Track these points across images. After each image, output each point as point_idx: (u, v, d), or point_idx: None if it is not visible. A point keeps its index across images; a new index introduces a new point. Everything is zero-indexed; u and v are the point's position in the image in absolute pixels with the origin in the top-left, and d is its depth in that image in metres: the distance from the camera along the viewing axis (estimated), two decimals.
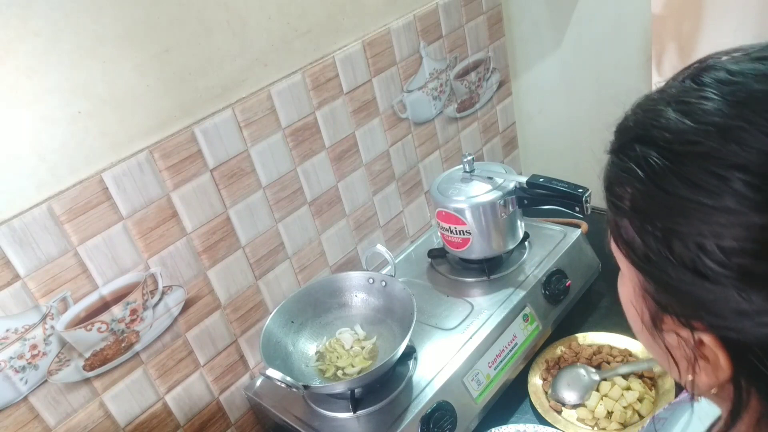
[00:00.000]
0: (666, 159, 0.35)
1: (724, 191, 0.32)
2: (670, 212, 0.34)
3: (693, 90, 0.36)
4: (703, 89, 0.35)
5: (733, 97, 0.34)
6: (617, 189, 0.39)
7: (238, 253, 1.03)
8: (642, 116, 0.38)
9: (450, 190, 1.14)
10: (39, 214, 0.79)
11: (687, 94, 0.36)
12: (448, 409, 0.94)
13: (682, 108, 0.35)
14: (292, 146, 1.07)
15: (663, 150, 0.35)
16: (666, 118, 0.36)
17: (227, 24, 0.93)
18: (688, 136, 0.34)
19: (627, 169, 0.38)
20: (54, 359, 0.83)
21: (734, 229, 0.32)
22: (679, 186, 0.34)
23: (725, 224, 0.32)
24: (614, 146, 0.41)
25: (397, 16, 1.19)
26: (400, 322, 1.03)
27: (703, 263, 0.33)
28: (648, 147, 0.36)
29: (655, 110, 0.37)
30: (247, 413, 1.11)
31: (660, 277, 0.37)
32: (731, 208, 0.32)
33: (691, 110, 0.35)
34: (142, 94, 0.86)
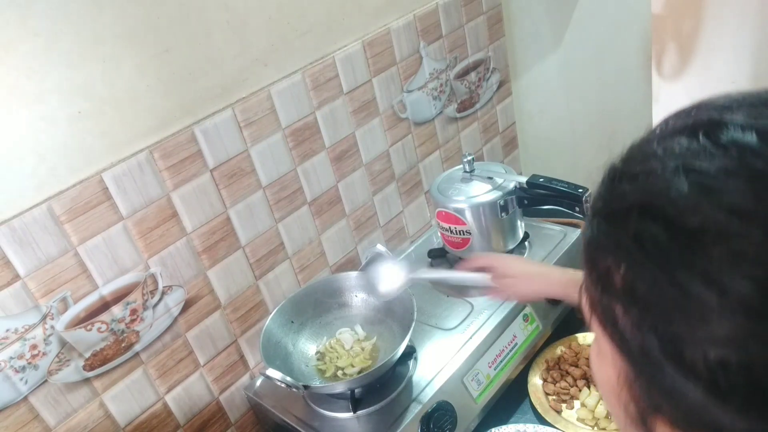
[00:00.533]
0: (682, 246, 0.28)
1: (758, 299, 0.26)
2: (685, 312, 0.28)
3: (709, 154, 0.29)
4: (722, 156, 0.29)
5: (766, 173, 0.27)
6: (604, 262, 0.33)
7: (238, 253, 1.03)
8: (644, 180, 0.31)
9: (450, 190, 1.14)
10: (39, 214, 0.79)
11: (702, 158, 0.29)
12: (448, 409, 0.94)
13: (698, 180, 0.29)
14: (292, 146, 1.07)
15: (677, 231, 0.29)
16: (680, 191, 0.29)
17: (227, 24, 0.93)
18: (715, 224, 0.27)
19: (622, 242, 0.31)
20: (54, 359, 0.83)
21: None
22: (698, 284, 0.28)
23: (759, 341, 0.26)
24: (602, 208, 0.34)
25: (397, 16, 1.19)
26: (400, 322, 1.03)
27: (723, 380, 0.28)
28: (655, 224, 0.30)
29: (661, 176, 0.30)
30: (247, 413, 1.11)
31: (660, 381, 0.31)
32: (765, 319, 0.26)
33: (713, 187, 0.28)
34: (142, 94, 0.86)
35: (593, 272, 0.34)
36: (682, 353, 0.29)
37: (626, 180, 0.33)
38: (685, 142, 0.31)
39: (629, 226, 0.31)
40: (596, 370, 0.40)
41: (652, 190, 0.30)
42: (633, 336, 0.32)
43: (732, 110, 0.31)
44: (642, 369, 0.32)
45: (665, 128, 0.34)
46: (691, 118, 0.32)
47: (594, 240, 0.34)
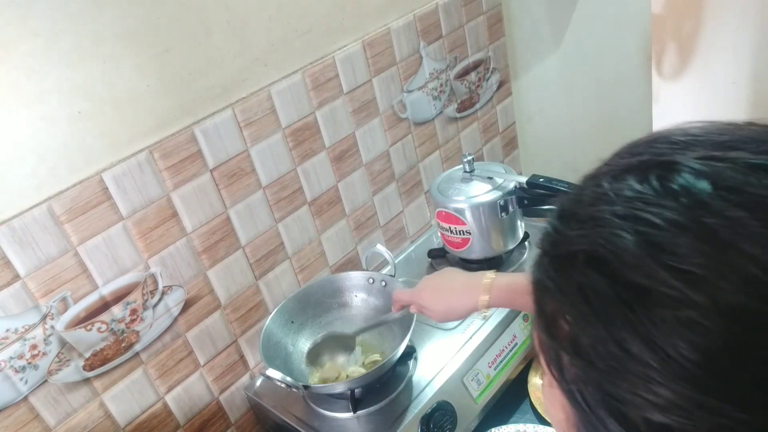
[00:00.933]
0: (625, 304, 0.27)
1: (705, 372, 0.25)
2: (627, 376, 0.27)
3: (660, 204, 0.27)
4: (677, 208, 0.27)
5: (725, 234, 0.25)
6: (550, 306, 0.32)
7: (238, 253, 1.03)
8: (591, 226, 0.29)
9: (450, 190, 1.14)
10: (39, 214, 0.79)
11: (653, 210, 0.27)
12: (448, 409, 0.94)
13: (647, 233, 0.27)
14: (292, 146, 1.07)
15: (621, 289, 0.27)
16: (625, 245, 0.27)
17: (227, 24, 0.93)
18: (660, 285, 0.26)
19: (567, 291, 0.30)
20: (54, 359, 0.83)
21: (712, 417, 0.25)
22: (642, 348, 0.26)
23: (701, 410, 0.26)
24: (549, 250, 0.32)
25: (397, 16, 1.19)
26: (400, 322, 1.03)
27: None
28: (599, 275, 0.28)
29: (607, 222, 0.28)
30: (247, 413, 1.11)
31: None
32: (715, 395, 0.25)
33: (662, 243, 0.26)
34: (142, 94, 0.86)
35: (541, 316, 0.33)
36: (626, 414, 0.28)
37: (574, 222, 0.31)
38: (636, 186, 0.29)
39: (574, 274, 0.30)
40: (548, 406, 0.39)
41: (597, 239, 0.29)
42: (578, 388, 0.31)
43: (688, 149, 0.29)
44: (586, 420, 0.31)
45: (618, 162, 0.32)
46: (646, 154, 0.30)
47: (541, 282, 0.33)
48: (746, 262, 0.24)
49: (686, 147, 0.29)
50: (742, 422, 0.25)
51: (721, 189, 0.26)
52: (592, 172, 0.33)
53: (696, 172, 0.27)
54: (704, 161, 0.27)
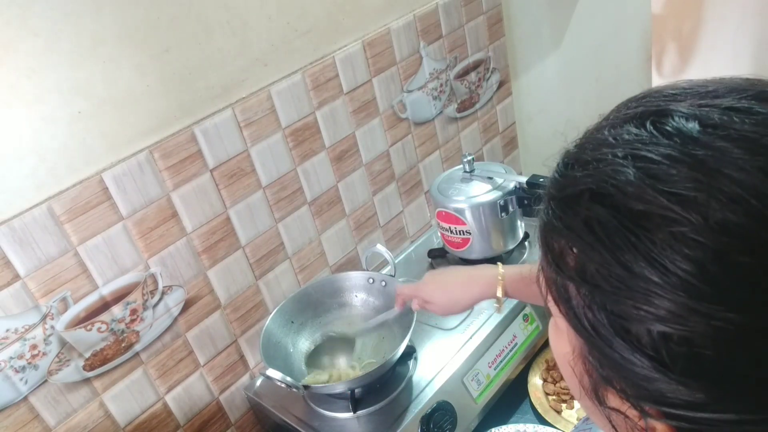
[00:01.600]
0: (628, 230, 0.30)
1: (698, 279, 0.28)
2: (632, 293, 0.30)
3: (654, 142, 0.31)
4: (671, 144, 0.30)
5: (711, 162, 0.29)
6: (558, 244, 0.35)
7: (238, 253, 1.03)
8: (595, 166, 0.33)
9: (450, 190, 1.14)
10: (39, 214, 0.79)
11: (651, 147, 0.31)
12: (448, 409, 0.94)
13: (646, 167, 0.30)
14: (292, 146, 1.07)
15: (623, 218, 0.30)
16: (628, 178, 0.30)
17: (227, 24, 0.93)
18: (658, 208, 0.29)
19: (574, 226, 0.33)
20: (54, 359, 0.83)
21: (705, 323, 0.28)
22: (644, 266, 0.29)
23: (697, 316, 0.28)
24: (556, 193, 0.35)
25: (397, 16, 1.19)
26: (400, 322, 1.03)
27: (665, 352, 0.30)
28: (603, 208, 0.31)
29: (611, 162, 0.32)
30: (247, 413, 1.11)
31: (610, 355, 0.33)
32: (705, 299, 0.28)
33: (659, 173, 0.30)
34: (142, 94, 0.86)
35: (548, 254, 0.36)
36: (629, 329, 0.31)
37: (578, 166, 0.34)
38: (634, 130, 0.33)
39: (580, 210, 0.32)
40: (554, 344, 0.42)
41: (601, 177, 0.32)
42: (585, 314, 0.33)
43: (678, 99, 0.33)
44: (593, 344, 0.34)
45: (617, 116, 0.35)
46: (641, 106, 0.34)
47: (548, 223, 0.35)
48: (731, 184, 0.28)
49: (675, 98, 0.33)
50: (731, 321, 0.28)
51: (708, 127, 0.30)
52: (592, 126, 0.37)
53: (686, 115, 0.31)
54: (692, 107, 0.32)
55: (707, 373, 0.29)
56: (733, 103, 0.31)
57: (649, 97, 0.35)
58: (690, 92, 0.33)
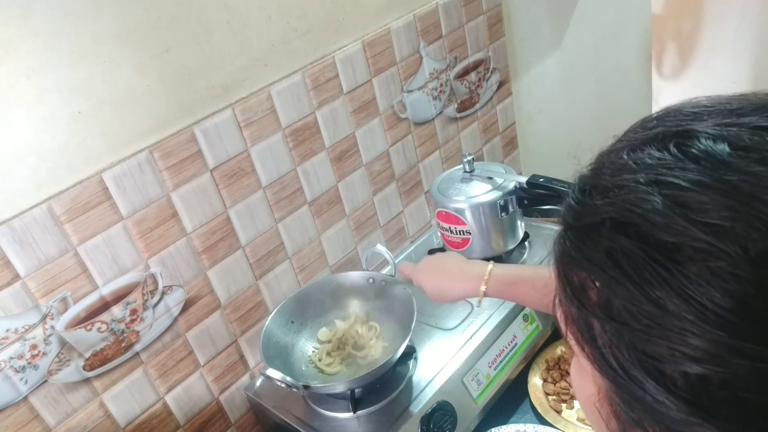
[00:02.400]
0: (657, 264, 0.28)
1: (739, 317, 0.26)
2: (664, 332, 0.28)
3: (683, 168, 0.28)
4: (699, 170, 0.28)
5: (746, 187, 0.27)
6: (578, 277, 0.32)
7: (238, 253, 1.03)
8: (616, 194, 0.30)
9: (450, 190, 1.14)
10: (39, 214, 0.79)
11: (677, 173, 0.28)
12: (448, 409, 0.94)
13: (673, 194, 0.28)
14: (292, 146, 1.07)
15: (652, 250, 0.28)
16: (654, 207, 0.28)
17: (227, 24, 0.93)
18: (690, 240, 0.27)
19: (595, 259, 0.31)
20: (54, 359, 0.83)
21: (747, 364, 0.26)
22: (678, 303, 0.27)
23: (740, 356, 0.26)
24: (573, 222, 0.33)
25: (397, 16, 1.19)
26: (400, 322, 1.03)
27: (707, 397, 0.28)
28: (629, 240, 0.29)
29: (632, 189, 0.30)
30: (247, 413, 1.11)
31: (642, 398, 0.30)
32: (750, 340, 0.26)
33: (688, 201, 0.28)
34: (142, 94, 0.86)
35: (567, 287, 0.34)
36: (663, 370, 0.29)
37: (597, 193, 0.32)
38: (656, 153, 0.30)
39: (602, 241, 0.30)
40: (577, 385, 0.39)
41: (624, 205, 0.30)
42: (612, 353, 0.31)
43: (701, 119, 0.30)
44: (622, 386, 0.32)
45: (634, 137, 0.33)
46: (660, 126, 0.32)
47: (566, 254, 0.33)
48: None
49: (698, 117, 0.31)
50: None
51: (739, 149, 0.28)
52: (607, 149, 0.34)
53: (713, 136, 0.28)
54: (718, 127, 0.29)
55: (753, 419, 0.27)
56: (762, 122, 0.29)
57: (669, 116, 0.32)
58: (713, 110, 0.31)
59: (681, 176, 0.28)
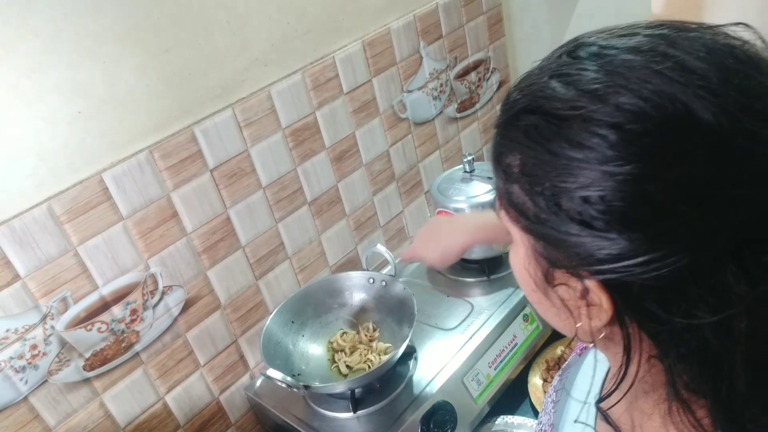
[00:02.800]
0: (553, 124, 0.38)
1: (603, 147, 0.36)
2: (558, 171, 0.37)
3: (571, 63, 0.40)
4: (581, 62, 0.39)
5: (608, 66, 0.38)
6: (506, 159, 0.42)
7: (238, 253, 1.03)
8: (527, 90, 0.41)
9: (450, 190, 1.14)
10: (39, 214, 0.79)
11: (566, 66, 0.40)
12: (448, 409, 0.94)
13: (564, 79, 0.39)
14: (292, 146, 1.07)
15: (550, 117, 0.38)
16: (551, 88, 0.39)
17: (227, 24, 0.93)
18: (572, 102, 0.37)
19: (516, 137, 0.41)
20: (54, 359, 0.83)
21: (612, 179, 0.35)
22: (565, 147, 0.37)
23: (606, 176, 0.35)
24: (501, 120, 0.43)
25: (397, 16, 1.19)
26: (400, 322, 1.03)
27: (588, 213, 0.36)
28: (535, 116, 0.39)
29: (539, 83, 0.40)
30: (248, 413, 1.11)
31: (550, 234, 0.39)
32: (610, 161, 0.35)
33: (572, 80, 0.38)
34: (142, 94, 0.86)
35: (498, 170, 0.43)
36: (560, 204, 0.38)
37: (515, 92, 0.42)
38: (555, 60, 0.41)
39: (519, 124, 0.40)
40: (512, 259, 0.48)
41: (532, 94, 0.40)
42: (527, 206, 0.40)
43: (585, 37, 0.42)
44: (537, 231, 0.40)
45: (547, 57, 0.44)
46: (560, 49, 0.42)
47: (497, 144, 0.43)
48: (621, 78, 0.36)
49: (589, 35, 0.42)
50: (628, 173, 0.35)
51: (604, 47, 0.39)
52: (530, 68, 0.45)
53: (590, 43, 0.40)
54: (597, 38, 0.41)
55: (619, 222, 0.36)
56: (624, 31, 0.41)
57: (567, 42, 0.43)
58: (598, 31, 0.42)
59: (569, 68, 0.39)
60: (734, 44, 0.39)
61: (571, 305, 0.42)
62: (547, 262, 0.42)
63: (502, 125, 0.43)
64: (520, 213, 0.41)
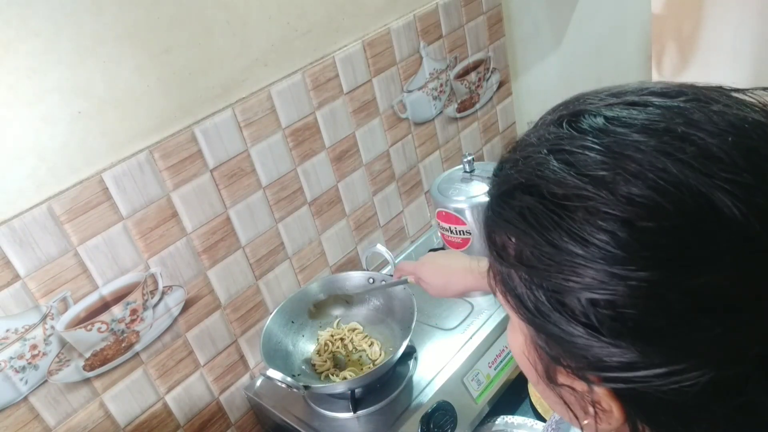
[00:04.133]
0: (552, 212, 0.34)
1: (611, 247, 0.31)
2: (560, 267, 0.33)
3: (572, 138, 0.35)
4: (583, 137, 0.35)
5: (615, 147, 0.33)
6: (499, 238, 0.38)
7: (238, 253, 1.03)
8: (523, 164, 0.37)
9: (450, 190, 1.14)
10: (39, 214, 0.79)
11: (567, 141, 0.35)
12: (448, 409, 0.94)
13: (564, 158, 0.35)
14: (292, 146, 1.07)
15: (548, 202, 0.34)
16: (550, 168, 0.35)
17: (227, 24, 0.93)
18: (575, 189, 0.33)
19: (510, 218, 0.36)
20: (54, 359, 0.83)
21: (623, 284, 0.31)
22: (567, 241, 0.33)
23: (615, 279, 0.31)
24: (494, 192, 0.39)
25: (397, 16, 1.19)
26: (400, 322, 1.03)
27: (595, 317, 0.33)
28: (532, 197, 0.35)
29: (536, 158, 0.36)
30: (248, 413, 1.11)
31: (552, 331, 0.35)
32: (619, 263, 0.31)
33: (574, 161, 0.34)
34: (142, 94, 0.86)
35: (492, 248, 0.39)
36: (564, 302, 0.34)
37: (509, 165, 0.38)
38: (554, 130, 0.37)
39: (514, 203, 0.36)
40: (510, 341, 0.44)
41: (528, 171, 0.36)
42: (527, 296, 0.36)
43: (590, 102, 0.38)
44: (538, 325, 0.37)
45: (541, 122, 0.40)
46: (560, 111, 0.38)
47: (489, 220, 0.39)
48: (632, 163, 0.32)
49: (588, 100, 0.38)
50: (643, 279, 0.31)
51: (612, 120, 0.35)
52: (523, 134, 0.41)
53: (594, 113, 0.36)
54: (599, 106, 0.36)
55: (632, 331, 0.32)
56: (634, 98, 0.36)
57: (568, 104, 0.39)
58: (603, 94, 0.38)
59: (570, 144, 0.35)
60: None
61: (576, 408, 0.39)
62: (550, 359, 0.38)
63: (494, 200, 0.39)
64: (520, 302, 0.37)
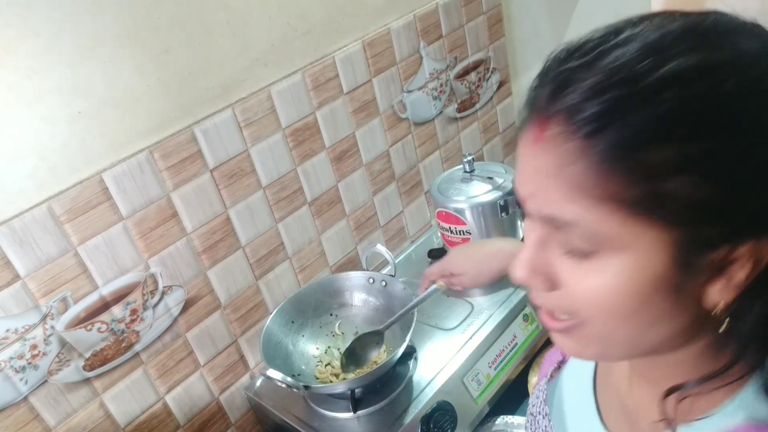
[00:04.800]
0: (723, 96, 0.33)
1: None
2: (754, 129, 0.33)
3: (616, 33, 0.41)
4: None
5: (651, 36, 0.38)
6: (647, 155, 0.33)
7: (238, 253, 1.03)
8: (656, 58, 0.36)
9: (450, 190, 1.14)
10: (39, 214, 0.79)
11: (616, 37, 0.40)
12: (448, 409, 0.94)
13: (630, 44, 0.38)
14: (292, 146, 1.07)
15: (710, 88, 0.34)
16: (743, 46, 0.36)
17: (227, 24, 0.93)
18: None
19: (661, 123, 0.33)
20: (54, 359, 0.83)
21: None
22: None
23: None
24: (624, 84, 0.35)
25: (397, 16, 1.19)
26: (401, 322, 1.03)
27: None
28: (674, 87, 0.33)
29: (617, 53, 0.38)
30: (247, 413, 1.11)
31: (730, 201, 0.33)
32: None
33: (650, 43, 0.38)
34: (142, 94, 0.86)
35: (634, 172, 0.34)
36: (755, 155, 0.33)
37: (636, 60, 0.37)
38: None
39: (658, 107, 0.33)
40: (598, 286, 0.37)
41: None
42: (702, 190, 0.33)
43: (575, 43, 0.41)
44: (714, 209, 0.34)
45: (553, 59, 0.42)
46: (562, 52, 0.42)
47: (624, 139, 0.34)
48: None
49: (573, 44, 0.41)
50: None
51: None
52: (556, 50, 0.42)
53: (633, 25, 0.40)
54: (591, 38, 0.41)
55: None
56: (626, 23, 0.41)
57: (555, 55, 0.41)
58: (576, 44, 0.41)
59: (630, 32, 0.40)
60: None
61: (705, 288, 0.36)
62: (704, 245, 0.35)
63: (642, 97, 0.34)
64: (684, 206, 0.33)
